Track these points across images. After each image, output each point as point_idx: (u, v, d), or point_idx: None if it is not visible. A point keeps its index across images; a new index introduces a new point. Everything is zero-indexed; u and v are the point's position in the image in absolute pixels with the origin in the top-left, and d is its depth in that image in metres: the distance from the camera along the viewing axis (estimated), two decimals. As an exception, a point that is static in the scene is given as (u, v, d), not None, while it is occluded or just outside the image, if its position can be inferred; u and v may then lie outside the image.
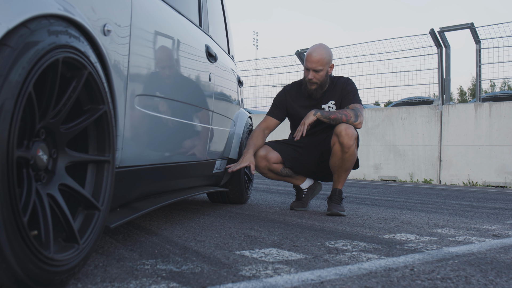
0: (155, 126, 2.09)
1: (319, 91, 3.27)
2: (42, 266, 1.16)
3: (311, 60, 3.20)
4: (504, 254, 2.01)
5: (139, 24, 1.86)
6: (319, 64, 3.18)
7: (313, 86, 3.25)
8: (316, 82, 3.23)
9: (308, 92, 3.28)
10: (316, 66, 3.19)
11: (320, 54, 3.19)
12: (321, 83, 3.24)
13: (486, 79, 8.12)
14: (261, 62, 10.90)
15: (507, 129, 7.24)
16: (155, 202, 2.21)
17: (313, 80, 3.22)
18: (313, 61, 3.19)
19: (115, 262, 1.64)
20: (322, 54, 3.19)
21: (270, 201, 4.06)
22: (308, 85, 3.25)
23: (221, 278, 1.48)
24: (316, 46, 3.26)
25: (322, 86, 3.26)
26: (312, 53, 3.21)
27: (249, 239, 2.19)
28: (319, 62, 3.18)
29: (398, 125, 8.29)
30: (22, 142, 1.16)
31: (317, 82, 3.23)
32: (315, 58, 3.19)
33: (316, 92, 3.27)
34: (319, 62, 3.18)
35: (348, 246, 2.09)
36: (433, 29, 7.87)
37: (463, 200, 4.75)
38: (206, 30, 2.96)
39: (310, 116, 3.14)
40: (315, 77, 3.21)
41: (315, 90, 3.26)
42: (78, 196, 1.38)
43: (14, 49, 1.07)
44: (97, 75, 1.40)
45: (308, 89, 3.27)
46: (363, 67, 9.15)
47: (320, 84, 3.24)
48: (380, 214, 3.34)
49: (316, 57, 3.19)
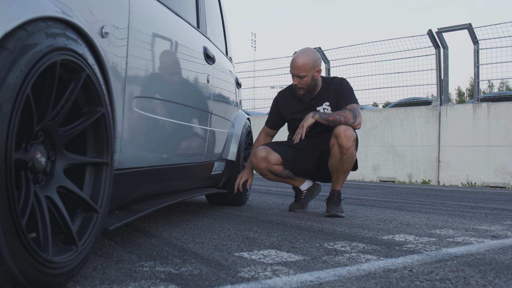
0: (153, 128, 2.09)
1: (308, 96, 3.28)
2: (41, 269, 1.16)
3: (294, 66, 3.21)
4: (503, 255, 2.02)
5: (137, 26, 1.86)
6: (302, 70, 3.18)
7: (300, 91, 3.26)
8: (302, 87, 3.23)
9: (298, 97, 3.30)
10: (299, 72, 3.19)
11: (303, 60, 3.18)
12: (309, 88, 3.24)
13: (484, 79, 8.13)
14: (260, 64, 10.91)
15: (505, 130, 7.25)
16: (153, 204, 2.21)
17: (299, 86, 3.23)
18: (296, 68, 3.20)
19: (113, 264, 1.64)
20: (305, 60, 3.17)
21: (269, 202, 4.06)
22: (296, 90, 3.27)
23: (219, 279, 1.47)
24: (300, 52, 3.25)
25: (311, 90, 3.26)
26: (295, 59, 3.22)
27: (247, 240, 2.19)
28: (301, 68, 3.18)
29: (396, 126, 8.30)
30: (20, 144, 1.16)
31: (304, 87, 3.23)
32: (297, 65, 3.19)
33: (305, 97, 3.28)
34: (301, 68, 3.18)
35: (347, 247, 2.09)
36: (431, 30, 7.88)
37: (461, 201, 4.75)
38: (204, 32, 2.97)
39: (308, 118, 3.14)
40: (300, 83, 3.22)
41: (303, 95, 3.27)
42: (76, 198, 1.38)
43: (12, 51, 1.07)
44: (95, 77, 1.40)
45: (297, 94, 3.29)
46: (361, 68, 9.16)
47: (308, 89, 3.24)
48: (378, 215, 3.34)
49: (299, 63, 3.18)
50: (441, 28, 7.88)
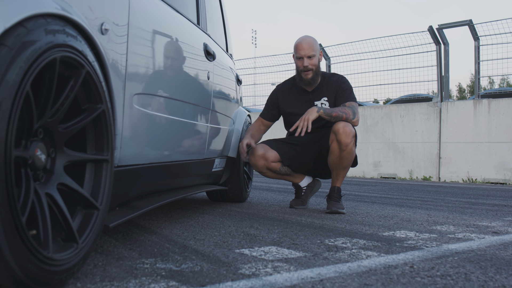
0: (153, 124, 2.08)
1: (316, 79, 3.30)
2: (41, 266, 1.16)
3: (303, 47, 3.26)
4: (503, 251, 2.01)
5: (137, 22, 1.86)
6: (311, 50, 3.24)
7: (309, 74, 3.26)
8: (311, 69, 3.26)
9: (305, 82, 3.29)
10: (309, 52, 3.24)
11: (309, 41, 3.27)
12: (316, 70, 3.28)
13: (485, 76, 8.13)
14: (260, 60, 10.89)
15: (506, 126, 7.24)
16: (154, 201, 2.21)
17: (309, 67, 3.25)
18: (305, 48, 3.25)
19: (114, 261, 1.64)
20: (311, 41, 3.28)
21: (270, 199, 4.06)
22: (304, 75, 3.27)
23: (220, 276, 1.47)
24: (303, 36, 3.34)
25: (318, 73, 3.29)
26: (301, 42, 3.28)
27: (248, 237, 2.19)
28: (310, 48, 3.25)
29: (397, 123, 8.29)
30: (20, 141, 1.16)
31: (313, 69, 3.26)
32: (306, 45, 3.25)
33: (313, 80, 3.29)
34: (310, 48, 3.25)
35: (348, 243, 2.09)
36: (432, 26, 7.86)
37: (462, 197, 4.75)
38: (204, 29, 2.96)
39: (313, 112, 3.12)
40: (310, 63, 3.25)
41: (312, 78, 3.28)
42: (76, 196, 1.38)
43: (11, 48, 1.06)
44: (95, 74, 1.40)
45: (304, 80, 3.28)
46: (362, 64, 9.15)
47: (316, 71, 3.28)
48: (379, 212, 3.34)
49: (307, 44, 3.26)
50: (441, 24, 7.87)
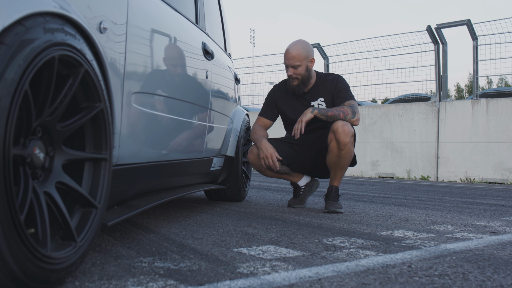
0: (152, 123, 2.08)
1: (302, 87, 3.29)
2: (39, 264, 1.16)
3: (288, 56, 3.24)
4: (501, 251, 2.02)
5: (136, 21, 1.86)
6: (296, 60, 3.21)
7: (294, 82, 3.27)
8: (297, 78, 3.25)
9: (291, 88, 3.30)
10: (294, 62, 3.22)
11: (296, 50, 3.23)
12: (302, 79, 3.26)
13: (483, 75, 8.13)
14: (258, 60, 10.89)
15: (504, 126, 7.25)
16: (152, 199, 2.21)
17: (293, 76, 3.24)
18: (289, 58, 3.23)
19: (112, 260, 1.64)
20: (299, 50, 3.22)
21: (268, 198, 4.06)
22: (290, 81, 3.28)
23: (218, 275, 1.48)
24: (293, 43, 3.30)
25: (304, 81, 3.28)
26: (288, 49, 3.26)
27: (246, 236, 2.19)
28: (295, 58, 3.21)
29: (395, 122, 8.30)
30: (19, 140, 1.16)
31: (298, 78, 3.25)
32: (291, 54, 3.23)
33: (299, 88, 3.28)
34: (295, 58, 3.21)
35: (346, 243, 2.10)
36: (430, 26, 7.87)
37: (460, 197, 4.76)
38: (202, 28, 2.96)
39: (307, 113, 3.14)
40: (295, 73, 3.23)
41: (297, 86, 3.28)
42: (75, 194, 1.38)
43: (10, 46, 1.06)
44: (93, 72, 1.40)
45: (291, 86, 3.29)
46: (360, 64, 9.16)
47: (302, 79, 3.26)
48: (377, 211, 3.34)
49: (293, 53, 3.22)
50: (440, 24, 7.88)
